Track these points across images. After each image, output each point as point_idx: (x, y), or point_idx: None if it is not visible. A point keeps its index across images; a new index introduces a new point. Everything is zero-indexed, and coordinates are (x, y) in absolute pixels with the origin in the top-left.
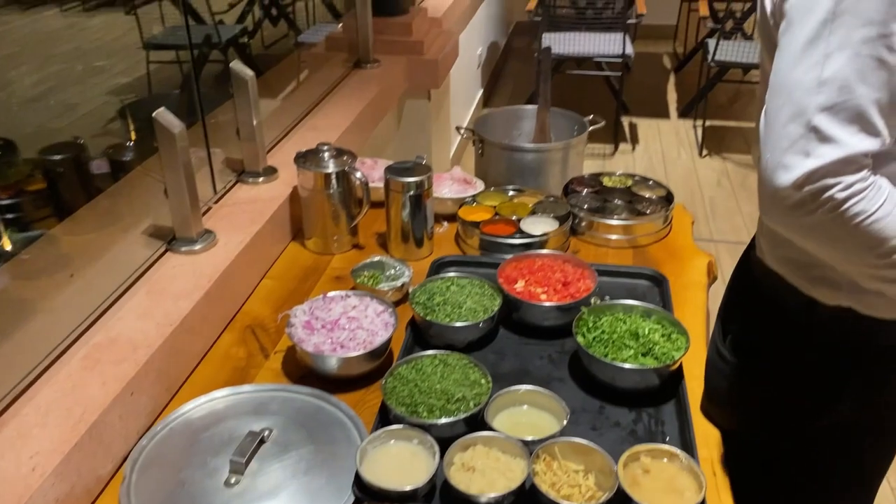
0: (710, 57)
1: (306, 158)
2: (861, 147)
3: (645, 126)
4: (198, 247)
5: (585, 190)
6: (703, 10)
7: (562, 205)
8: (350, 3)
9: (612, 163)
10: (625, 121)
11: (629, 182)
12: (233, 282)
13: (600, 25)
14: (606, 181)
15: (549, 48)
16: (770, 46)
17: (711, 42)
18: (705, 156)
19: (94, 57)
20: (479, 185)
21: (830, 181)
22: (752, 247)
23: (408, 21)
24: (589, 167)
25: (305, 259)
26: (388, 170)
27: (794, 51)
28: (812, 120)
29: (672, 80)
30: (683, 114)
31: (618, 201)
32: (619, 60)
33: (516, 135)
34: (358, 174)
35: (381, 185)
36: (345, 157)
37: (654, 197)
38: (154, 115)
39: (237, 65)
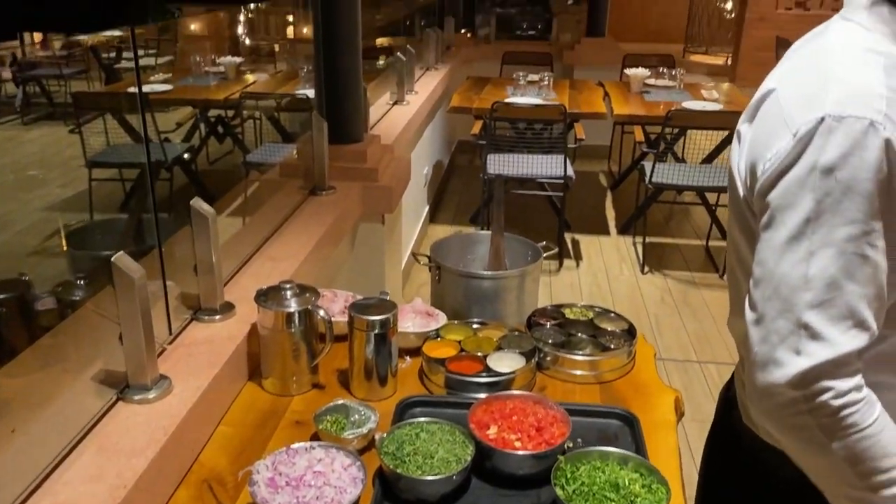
0: (647, 179)
1: (268, 297)
2: (852, 345)
3: (587, 242)
4: (152, 395)
5: (549, 323)
6: (638, 135)
7: (527, 339)
8: (305, 130)
9: (557, 279)
10: (567, 237)
11: (591, 314)
12: (189, 432)
13: (540, 148)
14: (569, 313)
15: (501, 177)
16: (741, 221)
17: (647, 164)
18: (647, 272)
19: (30, 172)
20: (442, 318)
21: (826, 384)
22: (729, 399)
23: (362, 149)
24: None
25: (263, 402)
26: (353, 307)
27: (778, 245)
28: (802, 317)
29: (609, 197)
30: (623, 230)
31: (581, 335)
32: (561, 181)
33: (471, 260)
34: (321, 312)
35: (342, 318)
36: (308, 295)
37: (616, 330)
38: (113, 260)
39: (197, 202)
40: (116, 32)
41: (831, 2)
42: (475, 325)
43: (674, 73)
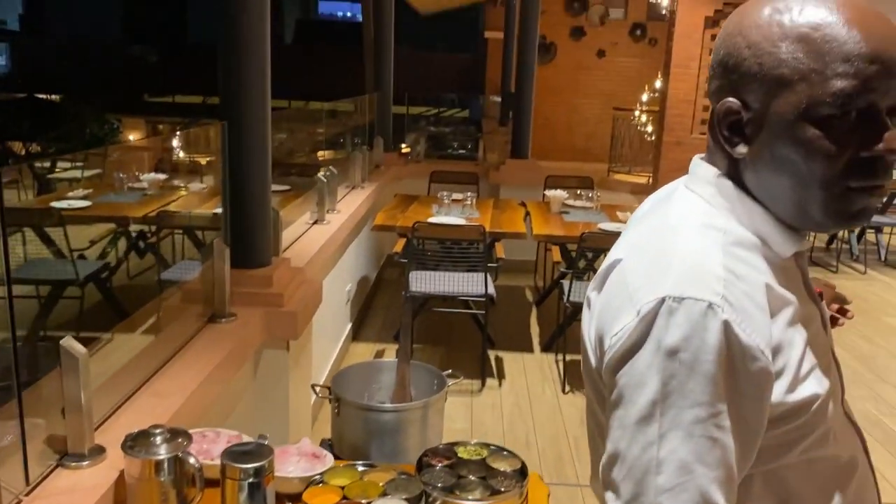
0: (565, 297)
1: (135, 443)
2: None
3: (510, 360)
4: None
5: (440, 463)
6: (556, 255)
7: (414, 483)
8: (208, 254)
9: (479, 399)
10: (491, 354)
11: (485, 453)
12: None
13: (465, 265)
14: (462, 452)
15: (414, 301)
16: (595, 389)
17: (566, 283)
18: (568, 392)
19: None
20: (329, 460)
21: None
22: None
23: (268, 273)
24: (456, 405)
25: None
26: (226, 454)
27: (629, 425)
28: (654, 502)
29: (534, 313)
30: (546, 348)
31: (472, 477)
32: (483, 299)
33: (376, 389)
34: (191, 460)
35: (215, 462)
36: (179, 440)
37: (508, 470)
38: None
39: (68, 341)
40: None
41: None
42: (361, 468)
43: (590, 195)
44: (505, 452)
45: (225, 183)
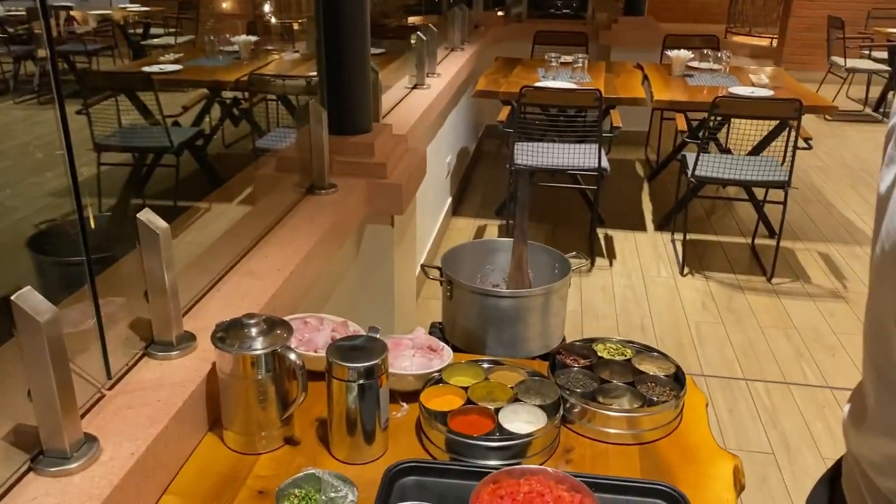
0: (689, 172)
1: (227, 334)
2: None
3: (621, 239)
4: (73, 465)
5: (577, 364)
6: (681, 124)
7: (549, 387)
8: (303, 119)
9: (588, 280)
10: (600, 233)
11: (629, 352)
12: None
13: (573, 136)
14: (602, 350)
15: (526, 175)
16: None
17: (689, 155)
18: (686, 274)
19: (39, 155)
20: (447, 355)
21: None
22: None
23: (370, 140)
24: None
25: (222, 462)
26: (332, 350)
27: None
28: None
29: (646, 188)
30: (660, 226)
31: (617, 381)
32: (595, 173)
33: (489, 270)
34: (292, 355)
35: (318, 354)
36: (278, 332)
37: (660, 375)
38: (13, 298)
39: (146, 214)
40: (143, 7)
41: None
42: (486, 365)
43: (719, 55)
44: (655, 353)
45: (320, 39)
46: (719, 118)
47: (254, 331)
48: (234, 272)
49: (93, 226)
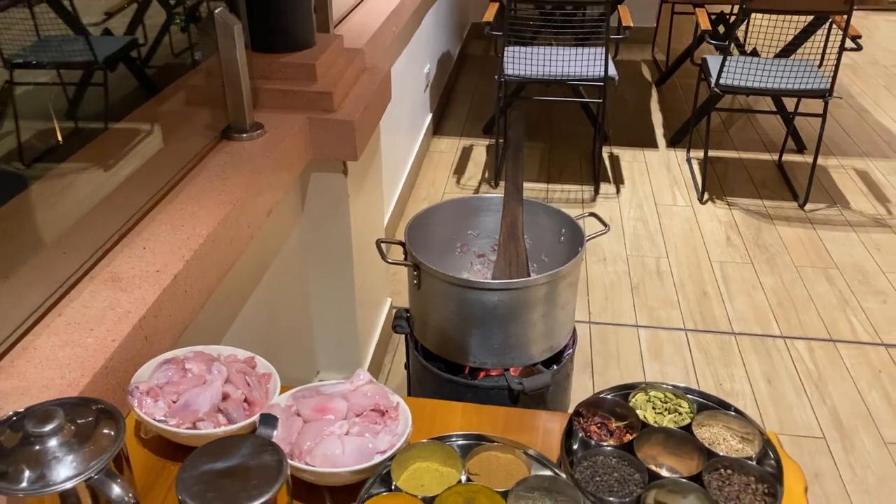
0: (712, 80)
1: (6, 456)
2: None
3: (629, 159)
4: None
5: (607, 437)
6: (703, 21)
7: (565, 489)
8: (209, 34)
9: (593, 209)
10: (605, 152)
11: (685, 408)
12: None
13: (574, 37)
14: (641, 407)
15: (522, 112)
16: None
17: (713, 60)
18: (706, 201)
19: None
20: (403, 422)
21: None
22: None
23: (310, 60)
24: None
25: None
26: (185, 483)
27: None
28: None
29: (655, 95)
30: (673, 143)
31: (675, 474)
32: (600, 84)
33: (473, 237)
34: (116, 491)
35: (196, 430)
36: (102, 434)
37: (744, 454)
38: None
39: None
40: None
41: None
42: (462, 443)
43: None
44: (731, 412)
45: None
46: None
47: (52, 443)
48: (90, 278)
49: None
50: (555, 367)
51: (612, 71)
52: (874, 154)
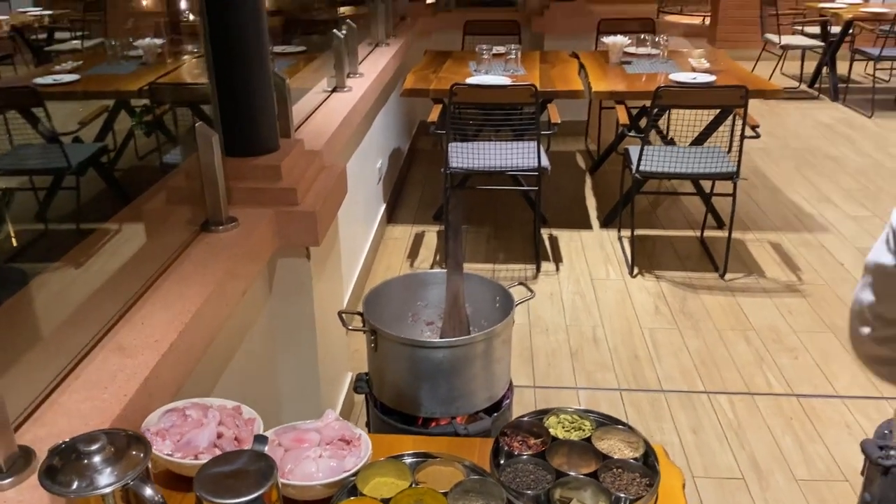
0: (633, 167)
1: (61, 466)
2: None
3: (566, 239)
4: None
5: (525, 449)
6: (622, 117)
7: (492, 488)
8: (190, 142)
9: (535, 288)
10: (545, 233)
11: (587, 426)
12: None
13: (510, 132)
14: (554, 425)
15: (459, 200)
16: None
17: (633, 149)
18: (636, 275)
19: None
20: (364, 448)
21: None
22: None
23: (275, 162)
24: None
25: None
26: (202, 480)
27: None
28: None
29: (588, 182)
30: (606, 223)
31: (576, 473)
32: (535, 173)
33: (421, 307)
34: (148, 490)
35: (198, 460)
36: (133, 454)
37: (628, 457)
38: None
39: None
40: (46, 11)
41: None
42: (411, 460)
43: (657, 39)
44: (620, 426)
45: (207, 49)
46: (667, 109)
47: (97, 459)
48: (100, 348)
49: None
50: (495, 414)
51: (545, 162)
52: (785, 228)
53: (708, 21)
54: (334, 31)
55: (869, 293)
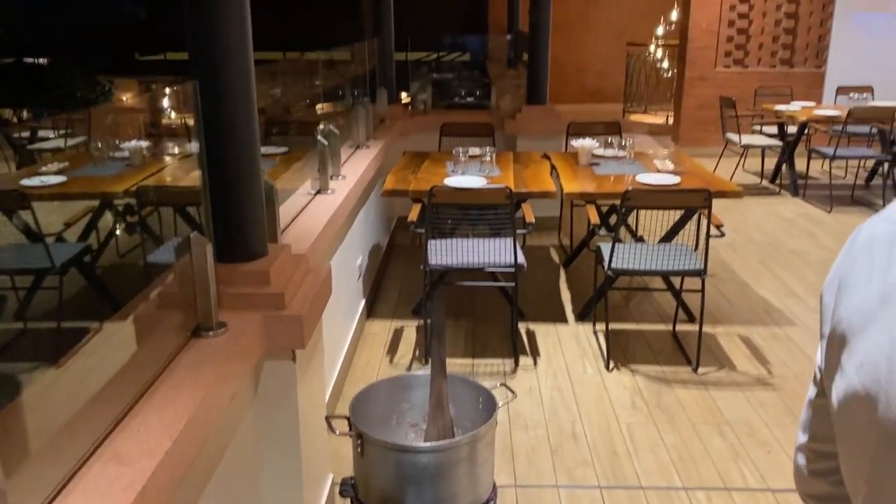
0: (605, 264)
1: None
2: None
3: (543, 333)
4: None
5: None
6: (593, 217)
7: None
8: (183, 250)
9: (514, 383)
10: (522, 327)
11: None
12: None
13: (488, 230)
14: None
15: (442, 301)
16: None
17: (604, 246)
18: (612, 369)
19: None
20: None
21: None
22: None
23: (264, 267)
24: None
25: None
26: None
27: None
28: None
29: (563, 275)
30: (581, 317)
31: None
32: (511, 270)
33: (406, 409)
34: None
35: None
36: None
37: None
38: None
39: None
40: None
41: (768, 59)
42: None
43: (623, 143)
44: None
45: (202, 159)
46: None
47: None
48: (97, 457)
49: None
50: None
51: (521, 259)
52: (754, 321)
53: (671, 120)
54: (319, 137)
55: (803, 426)
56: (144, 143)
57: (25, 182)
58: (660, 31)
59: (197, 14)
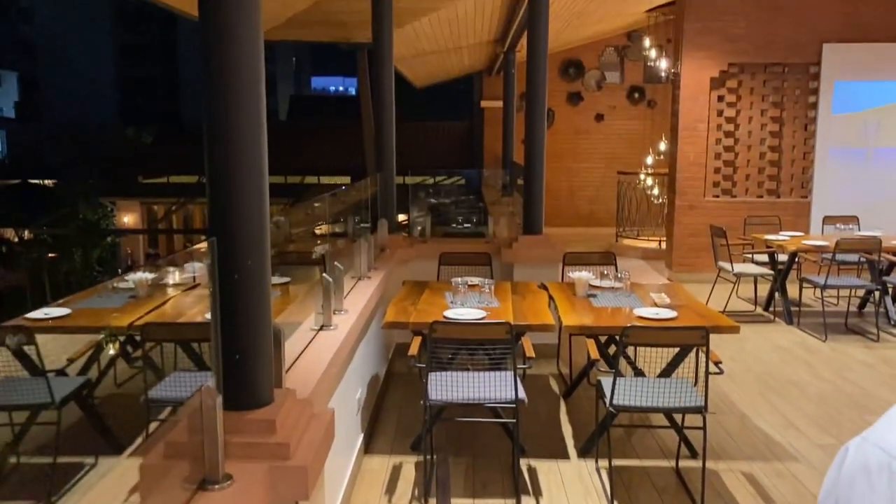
0: (606, 401)
1: None
2: None
3: (545, 470)
4: None
5: None
6: (594, 352)
7: None
8: (192, 400)
9: None
10: (523, 463)
11: None
12: None
13: (488, 361)
14: None
15: (446, 455)
16: None
17: (605, 381)
18: None
19: None
20: None
21: None
22: None
23: (271, 416)
24: None
25: None
26: None
27: None
28: None
29: (563, 407)
30: (583, 453)
31: None
32: (512, 406)
33: None
34: None
35: None
36: None
37: None
38: None
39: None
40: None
41: (756, 189)
42: None
43: (619, 274)
44: None
45: (215, 315)
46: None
47: None
48: None
49: None
50: None
51: (522, 394)
52: (756, 457)
53: (664, 245)
54: (324, 274)
55: None
56: (149, 275)
57: (30, 315)
58: (649, 160)
59: (217, 188)
